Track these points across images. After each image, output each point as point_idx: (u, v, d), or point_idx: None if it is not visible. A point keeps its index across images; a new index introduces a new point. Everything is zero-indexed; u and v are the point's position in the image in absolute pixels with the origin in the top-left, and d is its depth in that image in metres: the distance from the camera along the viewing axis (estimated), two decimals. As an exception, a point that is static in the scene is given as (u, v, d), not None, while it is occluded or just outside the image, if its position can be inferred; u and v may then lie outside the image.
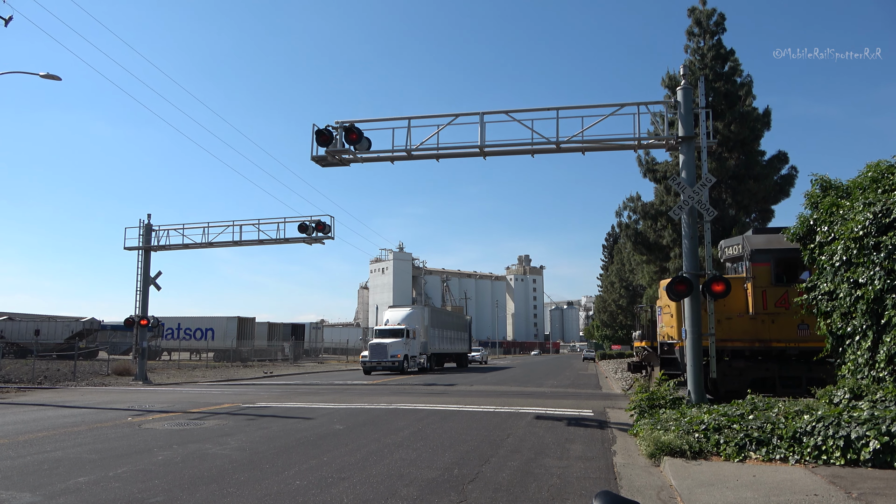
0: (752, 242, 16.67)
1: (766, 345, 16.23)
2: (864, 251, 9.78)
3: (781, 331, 16.11)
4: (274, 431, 11.40)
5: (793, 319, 15.80)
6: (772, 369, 16.27)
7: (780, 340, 16.13)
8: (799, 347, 15.98)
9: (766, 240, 16.85)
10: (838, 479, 6.93)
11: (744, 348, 16.55)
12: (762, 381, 16.55)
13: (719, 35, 32.03)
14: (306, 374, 35.28)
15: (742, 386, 16.42)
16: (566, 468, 8.17)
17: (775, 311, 16.20)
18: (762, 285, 16.48)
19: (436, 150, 15.62)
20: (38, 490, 6.95)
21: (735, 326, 16.48)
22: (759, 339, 16.20)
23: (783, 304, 16.10)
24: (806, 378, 15.98)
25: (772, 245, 16.58)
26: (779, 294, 16.23)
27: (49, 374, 28.75)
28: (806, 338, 15.75)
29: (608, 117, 14.80)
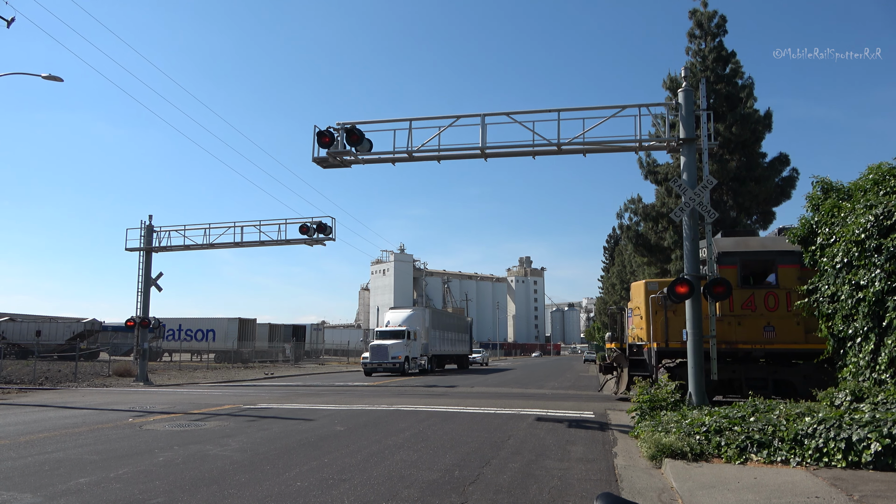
0: (720, 245, 16.90)
1: (733, 346, 16.45)
2: (865, 253, 9.78)
3: (747, 333, 16.36)
4: (275, 433, 11.40)
5: (759, 321, 16.25)
6: (738, 371, 16.49)
7: (746, 342, 16.38)
8: (764, 349, 16.26)
9: (733, 243, 17.10)
10: (840, 482, 6.92)
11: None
12: (729, 383, 16.86)
13: (720, 37, 32.06)
14: (307, 376, 35.29)
15: (708, 387, 16.43)
16: (567, 470, 8.16)
17: (742, 314, 16.46)
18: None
19: (437, 151, 15.63)
20: (39, 491, 6.96)
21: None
22: (726, 340, 16.42)
23: (749, 307, 16.41)
24: (772, 380, 16.32)
25: (738, 248, 16.85)
26: (745, 296, 16.48)
27: (50, 375, 28.77)
28: (771, 340, 16.06)
29: (609, 119, 14.82)
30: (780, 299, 16.23)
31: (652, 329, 17.10)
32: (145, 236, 27.83)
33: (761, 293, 16.35)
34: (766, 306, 16.21)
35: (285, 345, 57.18)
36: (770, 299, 16.25)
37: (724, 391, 17.24)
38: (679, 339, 16.56)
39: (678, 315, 16.74)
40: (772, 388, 16.19)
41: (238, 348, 50.24)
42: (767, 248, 16.78)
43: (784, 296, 16.23)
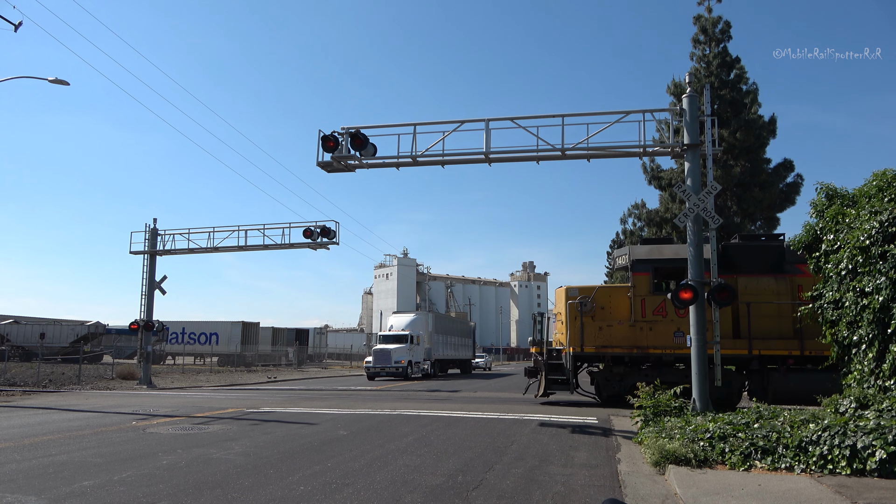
0: (635, 253, 17.45)
1: (644, 351, 16.94)
2: (870, 260, 9.76)
3: (658, 338, 16.81)
4: (278, 436, 11.40)
5: (669, 327, 16.73)
6: (650, 375, 16.77)
7: (656, 347, 16.84)
8: (674, 354, 16.73)
9: (647, 250, 17.58)
10: (844, 489, 6.90)
11: (623, 354, 17.26)
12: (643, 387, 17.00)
13: (725, 43, 32.08)
14: (310, 380, 35.29)
15: (622, 391, 17.26)
16: (570, 476, 8.15)
17: (653, 319, 16.93)
18: (642, 294, 17.22)
19: (441, 156, 15.65)
20: (43, 494, 6.97)
21: (615, 333, 17.23)
22: (638, 345, 16.93)
23: (661, 312, 16.91)
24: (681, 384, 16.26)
25: (652, 255, 17.36)
26: (657, 302, 16.97)
27: (54, 378, 28.83)
28: (681, 345, 16.32)
29: (613, 125, 14.84)
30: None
31: (569, 334, 17.51)
32: (149, 240, 27.90)
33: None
34: (676, 312, 16.65)
35: (288, 349, 57.19)
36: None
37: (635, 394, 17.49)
38: (593, 343, 17.40)
39: (596, 321, 17.39)
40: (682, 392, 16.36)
41: (241, 352, 50.28)
42: (680, 256, 17.09)
43: None
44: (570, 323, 17.45)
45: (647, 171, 33.24)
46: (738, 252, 17.30)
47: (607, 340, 17.23)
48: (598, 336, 17.27)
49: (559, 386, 17.79)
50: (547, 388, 17.93)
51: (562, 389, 17.91)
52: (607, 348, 17.22)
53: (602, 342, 17.22)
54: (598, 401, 17.98)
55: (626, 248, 17.88)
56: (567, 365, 17.49)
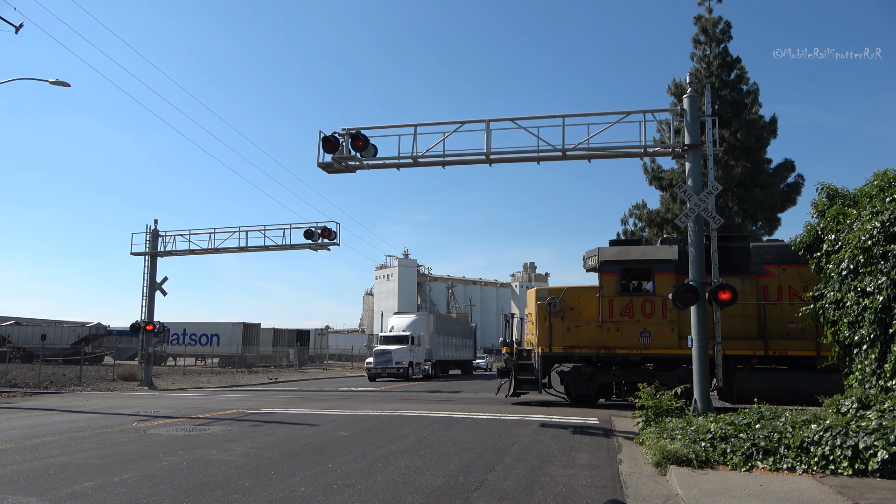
0: (603, 254, 17.72)
1: (611, 351, 17.20)
2: (871, 260, 9.75)
3: (625, 338, 17.11)
4: (279, 438, 11.40)
5: (636, 328, 17.05)
6: (618, 375, 17.31)
7: (623, 347, 17.12)
8: (640, 354, 17.03)
9: (615, 252, 17.85)
10: (846, 489, 6.89)
11: (591, 354, 17.51)
12: (611, 386, 17.70)
13: (725, 43, 32.08)
14: (311, 381, 35.29)
15: (590, 391, 17.71)
16: (572, 476, 8.14)
17: (620, 320, 17.20)
18: (609, 295, 17.48)
19: (442, 157, 15.64)
20: (44, 495, 6.97)
21: (583, 334, 17.49)
22: (605, 345, 17.21)
23: (627, 313, 17.20)
24: (648, 383, 16.46)
25: (620, 257, 17.65)
26: (624, 303, 17.26)
27: (55, 379, 28.84)
28: (647, 345, 16.90)
29: (614, 125, 14.82)
30: (656, 306, 17.07)
31: (539, 334, 17.77)
32: (150, 241, 27.90)
33: (639, 300, 17.24)
34: (643, 313, 17.07)
35: (289, 350, 57.17)
36: (647, 306, 17.12)
37: (606, 395, 18.04)
38: (562, 343, 17.64)
39: (565, 321, 17.63)
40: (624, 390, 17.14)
41: (242, 353, 50.27)
42: (647, 257, 17.56)
43: (660, 303, 17.04)
44: (540, 323, 17.73)
45: (648, 172, 33.23)
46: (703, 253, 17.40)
47: (575, 341, 17.50)
48: (567, 336, 17.54)
49: (529, 386, 18.07)
50: (517, 388, 18.22)
51: (531, 389, 18.19)
52: (575, 348, 17.50)
53: (570, 342, 17.50)
54: (567, 400, 18.27)
55: (596, 250, 18.13)
56: (536, 365, 17.77)
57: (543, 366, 17.76)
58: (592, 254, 18.23)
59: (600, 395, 17.92)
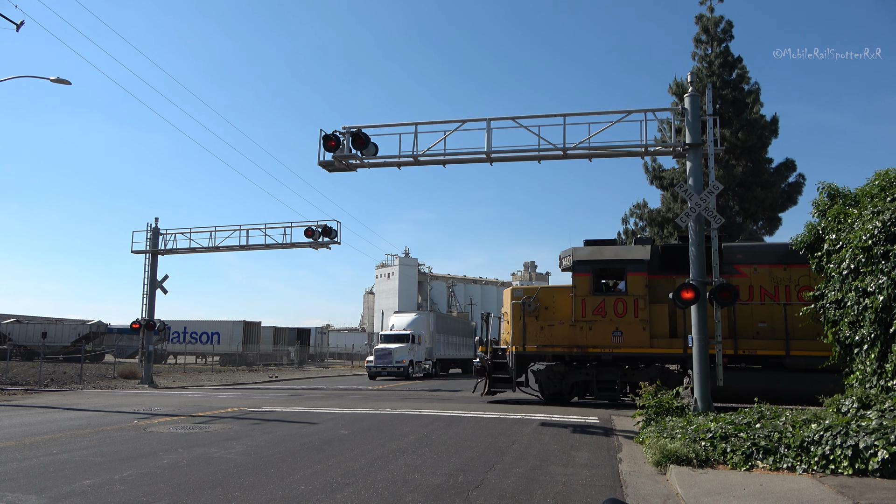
0: (577, 254, 17.93)
1: (584, 350, 17.41)
2: (872, 260, 9.74)
3: (597, 337, 17.31)
4: (279, 436, 11.40)
5: (608, 327, 17.27)
6: (590, 373, 17.55)
7: (596, 346, 17.32)
8: (613, 353, 17.22)
9: (589, 252, 18.02)
10: (846, 489, 6.88)
11: (564, 353, 17.71)
12: (585, 385, 17.90)
13: (727, 42, 32.04)
14: (311, 379, 35.31)
15: (563, 389, 17.93)
16: (571, 475, 8.14)
17: (593, 319, 17.41)
18: (582, 294, 17.68)
19: (442, 155, 15.64)
20: (43, 492, 6.98)
21: (556, 333, 17.69)
22: (578, 344, 17.42)
23: (600, 312, 17.42)
24: (621, 382, 17.43)
25: (593, 256, 17.85)
26: (596, 303, 17.48)
27: (55, 377, 28.87)
28: (619, 344, 17.10)
29: (615, 124, 14.81)
30: (628, 305, 17.27)
31: (513, 333, 17.98)
32: (151, 239, 27.92)
33: (611, 300, 17.46)
34: (615, 312, 17.30)
35: (290, 348, 57.18)
36: (619, 305, 17.34)
37: (579, 393, 18.23)
38: (535, 342, 17.84)
39: (539, 320, 17.84)
40: (621, 390, 17.41)
41: (243, 351, 50.28)
42: (619, 257, 17.74)
43: (632, 302, 17.26)
44: (514, 322, 17.95)
45: (649, 171, 33.21)
46: (675, 253, 17.70)
47: (549, 340, 17.69)
48: (540, 335, 17.73)
49: (503, 384, 18.30)
50: (491, 387, 18.49)
51: (506, 388, 18.42)
52: (548, 347, 17.70)
53: (544, 341, 17.70)
54: (542, 399, 18.50)
55: (570, 250, 18.33)
56: (511, 364, 17.98)
57: (518, 364, 18.01)
58: (567, 253, 18.46)
59: (574, 394, 18.16)
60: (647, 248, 17.55)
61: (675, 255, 17.63)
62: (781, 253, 17.04)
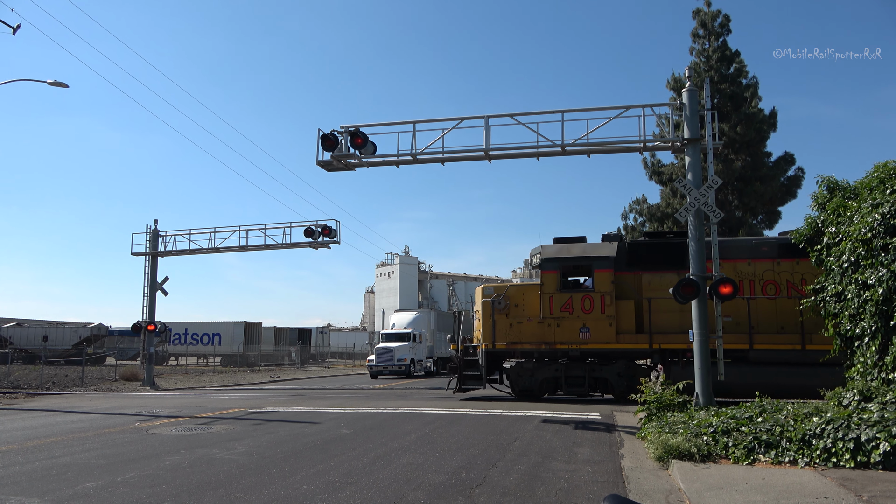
0: (545, 252, 18.20)
1: (552, 347, 17.65)
2: (871, 252, 9.73)
3: (565, 334, 17.53)
4: (281, 436, 11.41)
5: (575, 323, 17.52)
6: (559, 369, 17.78)
7: (563, 342, 17.55)
8: (580, 349, 17.48)
9: (556, 249, 18.28)
10: (848, 482, 6.89)
11: (533, 350, 17.99)
12: (554, 381, 18.11)
13: (724, 37, 32.01)
14: (313, 379, 35.32)
15: (533, 385, 18.19)
16: (574, 472, 8.14)
17: (560, 315, 17.65)
18: (550, 291, 17.90)
19: (441, 153, 15.61)
20: (46, 495, 6.98)
21: (525, 330, 17.93)
22: (546, 341, 17.65)
23: (567, 309, 17.66)
24: (589, 377, 17.66)
25: (561, 254, 18.10)
26: (564, 299, 17.72)
27: (57, 380, 28.87)
28: (586, 340, 17.33)
29: (613, 120, 14.78)
30: (595, 302, 17.50)
31: (483, 331, 18.24)
32: (151, 241, 27.90)
33: (578, 296, 17.69)
34: (582, 308, 17.55)
35: (291, 348, 57.17)
36: (586, 302, 17.56)
37: (549, 390, 18.43)
38: (505, 339, 18.08)
39: (509, 318, 18.06)
40: (590, 386, 17.66)
41: (244, 352, 50.29)
42: (586, 254, 17.96)
43: (599, 298, 17.49)
44: (485, 320, 18.19)
45: (648, 167, 33.19)
46: (642, 249, 18.02)
47: (518, 337, 17.92)
48: (510, 333, 17.95)
49: (474, 381, 18.52)
50: (462, 384, 18.73)
51: (477, 385, 18.64)
52: (517, 344, 17.95)
53: (513, 338, 17.93)
54: (512, 395, 18.72)
55: (539, 248, 18.58)
56: (481, 361, 18.19)
57: (488, 361, 18.23)
58: (536, 251, 18.71)
59: (544, 390, 18.36)
60: (614, 245, 17.86)
61: (641, 251, 18.00)
62: (745, 248, 17.44)
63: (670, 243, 17.83)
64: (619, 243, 17.95)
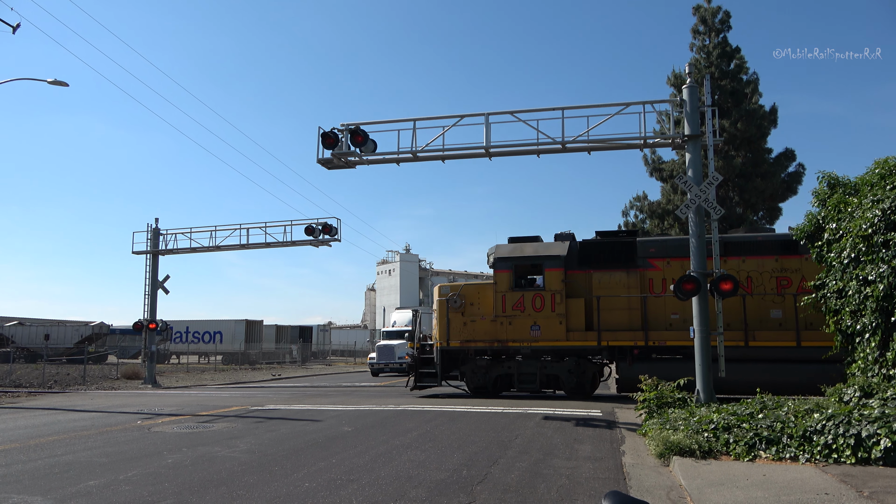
0: (498, 251, 18.58)
1: (504, 344, 18.01)
2: (872, 248, 9.72)
3: (517, 332, 17.88)
4: (282, 434, 11.43)
5: (526, 321, 17.85)
6: (512, 367, 18.20)
7: (515, 340, 17.90)
8: (531, 346, 17.83)
9: (510, 249, 18.68)
10: (849, 478, 6.89)
11: (486, 348, 18.35)
12: (508, 378, 18.50)
13: (725, 33, 31.96)
14: (314, 377, 35.35)
15: (487, 382, 18.53)
16: (575, 468, 8.15)
17: (512, 314, 17.98)
18: (503, 290, 18.23)
19: (441, 151, 15.60)
20: (49, 494, 7.00)
21: (478, 328, 18.31)
22: (498, 339, 18.02)
23: (519, 308, 17.98)
24: (541, 374, 17.96)
25: (514, 254, 18.46)
26: (516, 298, 18.05)
27: (59, 379, 28.91)
28: (537, 338, 17.64)
29: (614, 116, 14.75)
30: (545, 300, 17.79)
31: (439, 329, 18.66)
32: (152, 239, 27.90)
33: (530, 295, 17.97)
34: (533, 307, 17.85)
35: (292, 346, 57.22)
36: (537, 300, 17.84)
37: (503, 387, 18.77)
38: (459, 338, 18.46)
39: (465, 316, 18.41)
40: (541, 383, 17.98)
41: (245, 350, 50.33)
42: (538, 254, 18.28)
43: (550, 297, 17.78)
44: (440, 319, 18.58)
45: (649, 163, 33.18)
46: (592, 248, 18.27)
47: (471, 335, 18.26)
48: (464, 331, 18.31)
49: (430, 379, 18.93)
50: (418, 381, 19.18)
51: (433, 383, 19.03)
52: (471, 342, 18.29)
53: (467, 336, 18.27)
54: (468, 392, 19.06)
55: (494, 247, 18.89)
56: (437, 359, 18.55)
57: (443, 359, 18.54)
58: (491, 251, 18.97)
59: (498, 387, 18.66)
60: (566, 245, 18.18)
61: (592, 250, 18.26)
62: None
63: (620, 242, 18.21)
64: (571, 242, 18.34)
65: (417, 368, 19.09)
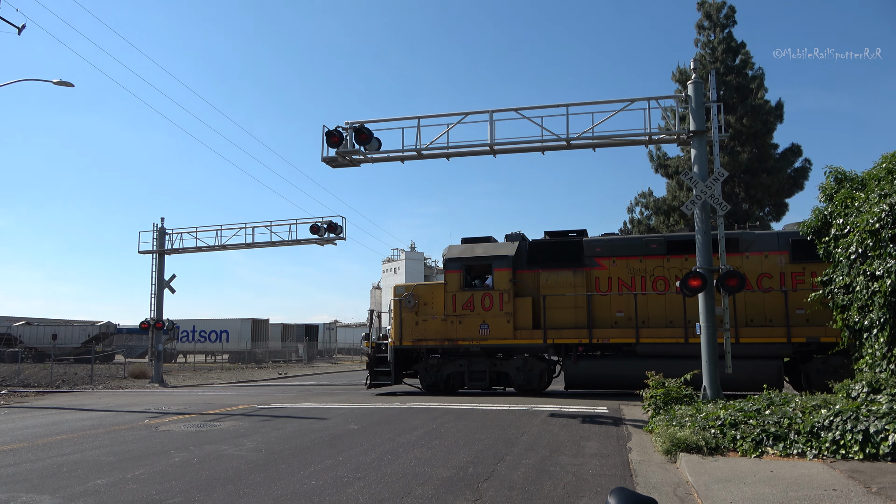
0: (450, 252, 18.99)
1: (454, 343, 18.40)
2: (880, 243, 9.67)
3: (467, 330, 18.28)
4: (289, 432, 11.45)
5: (476, 320, 18.25)
6: (463, 365, 18.57)
7: (465, 339, 18.31)
8: (480, 345, 18.21)
9: (461, 249, 19.08)
10: (857, 474, 6.86)
11: (437, 346, 18.71)
12: (460, 376, 18.86)
13: (729, 28, 31.83)
14: (320, 375, 35.41)
15: (439, 380, 18.94)
16: (581, 465, 8.14)
17: (462, 313, 18.39)
18: (453, 290, 18.62)
19: (446, 148, 15.58)
20: (57, 492, 7.03)
21: (430, 327, 18.68)
22: (449, 338, 18.43)
23: (469, 307, 18.40)
24: (491, 372, 18.37)
25: (464, 254, 18.84)
26: (466, 297, 18.46)
27: (67, 378, 29.05)
28: (486, 336, 18.03)
29: (618, 113, 14.70)
30: (494, 299, 18.15)
31: (393, 329, 19.08)
32: (157, 239, 28.00)
33: (479, 294, 18.34)
34: (482, 306, 18.27)
35: (298, 344, 57.33)
36: (486, 300, 18.23)
37: (455, 384, 19.09)
38: (411, 337, 18.88)
39: (418, 315, 18.79)
40: (491, 380, 18.37)
41: (251, 349, 50.43)
42: (487, 254, 18.63)
43: (498, 296, 18.13)
44: (395, 318, 19.00)
45: (654, 160, 33.08)
46: (541, 248, 18.56)
47: (423, 334, 18.67)
48: (416, 330, 18.72)
49: (385, 378, 19.24)
50: (373, 380, 19.51)
51: (388, 381, 19.33)
52: (423, 341, 18.71)
53: (419, 335, 18.69)
54: (422, 389, 19.47)
55: (447, 248, 19.25)
56: (391, 358, 18.90)
57: (397, 358, 18.91)
58: (445, 252, 19.32)
59: (451, 385, 19.00)
60: (514, 245, 18.50)
61: (541, 250, 18.54)
62: (637, 245, 18.06)
63: (568, 242, 18.47)
64: (521, 243, 18.66)
65: (373, 367, 19.43)
